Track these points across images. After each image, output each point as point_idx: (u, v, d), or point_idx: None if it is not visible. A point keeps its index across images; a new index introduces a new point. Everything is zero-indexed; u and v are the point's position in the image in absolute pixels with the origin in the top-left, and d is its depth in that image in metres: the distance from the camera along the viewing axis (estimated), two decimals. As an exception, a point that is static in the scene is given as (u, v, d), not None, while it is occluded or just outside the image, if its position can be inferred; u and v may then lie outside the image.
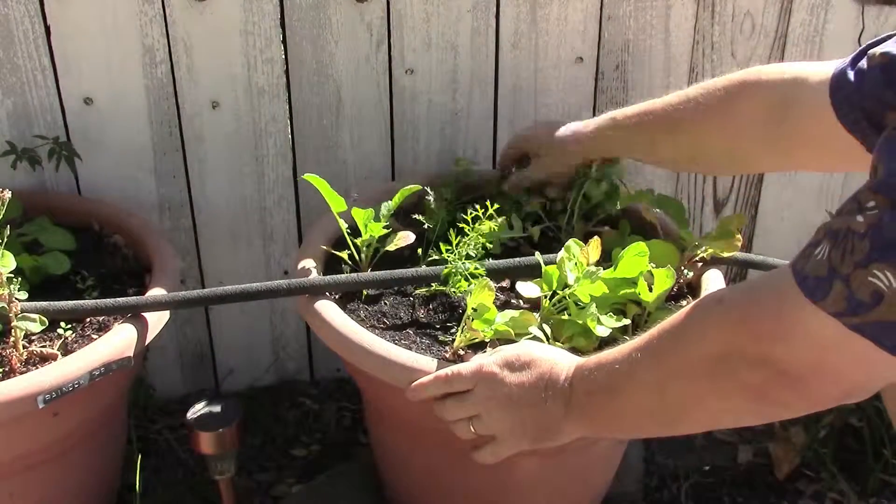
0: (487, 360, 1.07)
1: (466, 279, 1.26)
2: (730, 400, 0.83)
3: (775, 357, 0.74)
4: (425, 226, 1.42)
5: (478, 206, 1.30)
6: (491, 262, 1.30)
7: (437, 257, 1.33)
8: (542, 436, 1.05)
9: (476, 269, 1.26)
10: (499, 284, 1.33)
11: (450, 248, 1.29)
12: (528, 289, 1.25)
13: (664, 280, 1.21)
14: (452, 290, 1.27)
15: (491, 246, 1.32)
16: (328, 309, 1.25)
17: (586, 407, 0.99)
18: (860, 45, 1.75)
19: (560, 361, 1.03)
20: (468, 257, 1.28)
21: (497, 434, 1.09)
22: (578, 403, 0.99)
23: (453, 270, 1.26)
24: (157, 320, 1.28)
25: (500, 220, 1.36)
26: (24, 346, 1.21)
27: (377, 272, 1.30)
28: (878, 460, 1.71)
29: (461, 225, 1.31)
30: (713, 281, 1.31)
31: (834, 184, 1.91)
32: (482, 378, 1.06)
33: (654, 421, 0.94)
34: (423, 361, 1.15)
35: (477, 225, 1.30)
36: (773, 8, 1.71)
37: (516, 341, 1.17)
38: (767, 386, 0.77)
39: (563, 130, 1.40)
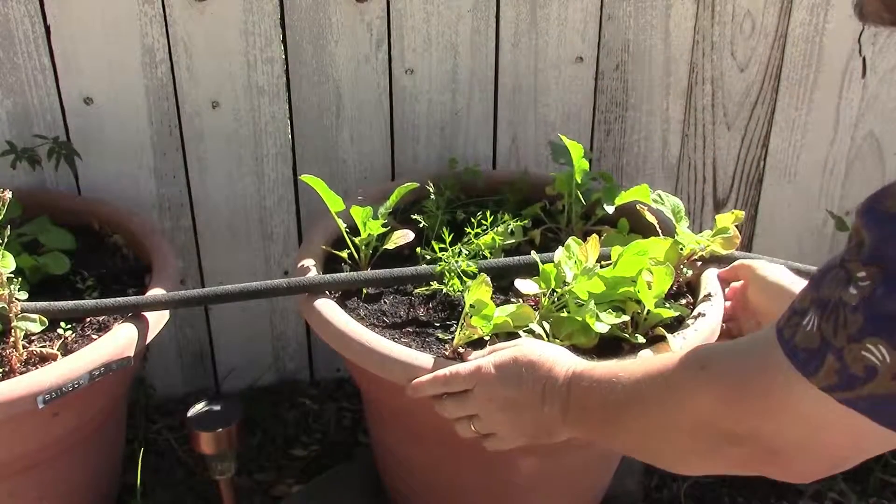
0: (486, 362, 1.07)
1: (460, 277, 1.26)
2: (713, 462, 0.82)
3: (762, 434, 0.72)
4: (421, 224, 1.43)
5: (478, 213, 1.31)
6: (486, 260, 1.30)
7: (436, 256, 1.33)
8: (540, 435, 1.05)
9: (468, 266, 1.26)
10: (497, 284, 1.33)
11: (443, 246, 1.29)
12: (526, 286, 1.25)
13: (663, 278, 1.21)
14: (447, 288, 1.27)
15: (490, 254, 1.32)
16: (328, 307, 1.25)
17: (581, 420, 0.99)
18: (860, 45, 1.77)
19: (559, 362, 1.03)
20: (467, 256, 1.28)
21: (497, 433, 1.09)
22: (574, 413, 0.99)
23: (446, 269, 1.26)
24: (157, 320, 1.28)
25: (501, 228, 1.36)
26: (24, 346, 1.21)
27: (376, 271, 1.31)
28: (878, 460, 1.71)
29: (466, 229, 1.31)
30: (711, 280, 1.31)
31: (834, 183, 1.91)
32: (480, 380, 1.06)
33: (644, 456, 0.95)
34: (423, 359, 1.15)
35: (478, 240, 1.31)
36: (773, 8, 1.71)
37: (517, 334, 1.17)
38: (752, 460, 0.76)
39: None
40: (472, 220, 1.38)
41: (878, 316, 0.61)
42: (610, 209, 1.44)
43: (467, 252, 1.31)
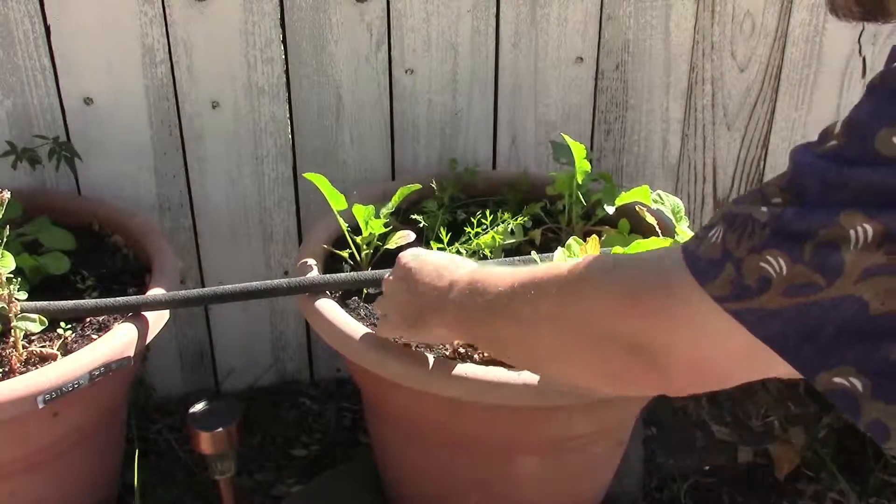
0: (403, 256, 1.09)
1: None
2: (596, 367, 0.80)
3: (655, 343, 0.71)
4: (421, 224, 1.43)
5: (478, 213, 1.31)
6: (485, 260, 1.30)
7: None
8: (410, 322, 1.05)
9: None
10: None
11: (441, 246, 1.29)
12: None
13: (664, 279, 1.21)
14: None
15: (490, 254, 1.32)
16: (328, 307, 1.25)
17: (463, 309, 0.95)
18: (860, 45, 1.77)
19: (462, 265, 1.01)
20: (467, 255, 1.28)
21: (385, 312, 1.12)
22: (455, 303, 0.96)
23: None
24: (157, 320, 1.28)
25: (501, 228, 1.36)
26: (23, 346, 1.21)
27: (377, 271, 1.30)
28: (878, 460, 1.71)
29: (466, 229, 1.31)
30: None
31: (834, 184, 1.91)
32: (396, 267, 1.08)
33: (517, 354, 0.92)
34: (423, 359, 1.15)
35: (478, 239, 1.31)
36: (773, 8, 1.71)
37: None
38: (636, 368, 0.74)
39: None
40: (472, 219, 1.38)
41: (784, 232, 0.60)
42: (610, 210, 1.44)
43: (467, 251, 1.31)
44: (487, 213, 1.39)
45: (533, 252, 1.30)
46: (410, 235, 1.37)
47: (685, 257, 0.68)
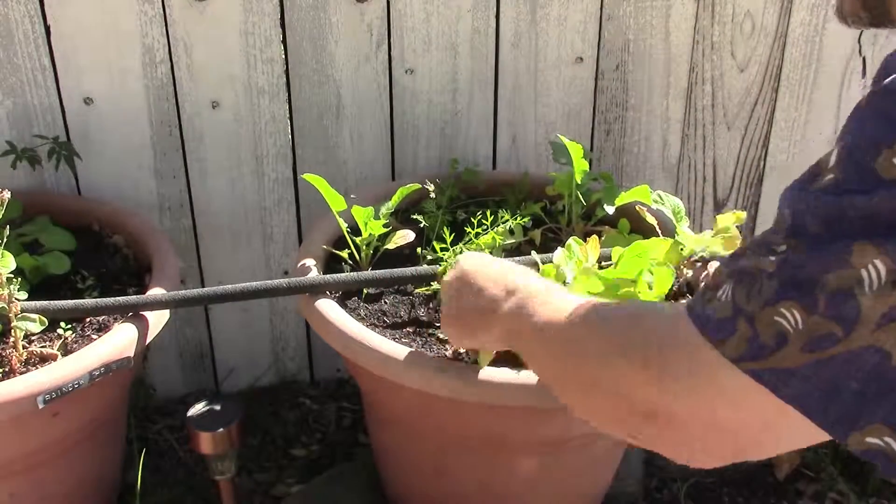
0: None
1: None
2: (611, 424, 0.75)
3: (671, 410, 0.65)
4: (422, 224, 1.43)
5: (478, 213, 1.31)
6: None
7: (437, 256, 1.33)
8: (478, 326, 0.99)
9: None
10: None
11: (444, 246, 1.29)
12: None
13: (664, 279, 1.21)
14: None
15: (490, 254, 1.32)
16: (328, 307, 1.25)
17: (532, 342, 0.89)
18: (860, 45, 1.77)
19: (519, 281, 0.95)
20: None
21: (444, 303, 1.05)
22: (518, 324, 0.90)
23: (447, 268, 1.26)
24: (157, 320, 1.28)
25: (501, 228, 1.36)
26: (23, 346, 1.20)
27: (377, 271, 1.30)
28: (878, 460, 1.71)
29: (466, 229, 1.31)
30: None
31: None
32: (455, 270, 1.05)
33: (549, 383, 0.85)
34: (423, 359, 1.15)
35: (478, 239, 1.31)
36: (773, 8, 1.71)
37: None
38: (659, 439, 0.69)
39: None
40: (473, 220, 1.38)
41: (795, 279, 0.57)
42: (610, 210, 1.44)
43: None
44: (488, 213, 1.39)
45: (533, 252, 1.30)
46: (410, 235, 1.37)
47: (693, 319, 0.64)
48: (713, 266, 1.32)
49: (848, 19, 0.71)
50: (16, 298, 1.18)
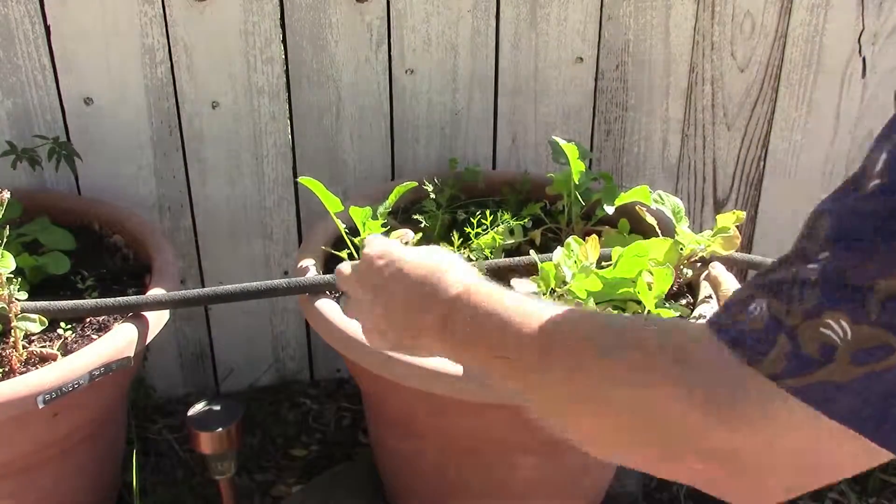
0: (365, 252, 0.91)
1: None
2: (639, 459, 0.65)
3: (726, 446, 0.57)
4: (422, 224, 1.43)
5: (478, 213, 1.31)
6: (488, 261, 1.30)
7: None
8: (404, 341, 0.85)
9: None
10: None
11: (452, 248, 1.29)
12: (523, 286, 1.24)
13: (663, 279, 1.21)
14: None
15: (490, 254, 1.32)
16: (328, 307, 1.25)
17: (464, 341, 0.77)
18: (860, 45, 1.77)
19: (452, 269, 0.82)
20: (468, 260, 1.28)
21: (361, 322, 0.91)
22: (455, 329, 0.77)
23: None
24: (157, 320, 1.28)
25: (501, 228, 1.36)
26: (23, 346, 1.21)
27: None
28: (878, 460, 1.71)
29: (466, 229, 1.31)
30: (725, 277, 1.31)
31: (834, 183, 1.90)
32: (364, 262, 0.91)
33: (539, 403, 0.71)
34: (423, 359, 1.15)
35: (478, 239, 1.31)
36: (773, 8, 1.71)
37: None
38: (705, 477, 0.61)
39: None
40: (473, 220, 1.38)
41: (841, 286, 0.52)
42: (610, 210, 1.44)
43: (467, 252, 1.31)
44: (487, 213, 1.39)
45: (533, 252, 1.30)
46: (408, 234, 1.37)
47: (720, 336, 0.58)
48: (718, 270, 1.32)
49: None
50: (16, 298, 1.18)
